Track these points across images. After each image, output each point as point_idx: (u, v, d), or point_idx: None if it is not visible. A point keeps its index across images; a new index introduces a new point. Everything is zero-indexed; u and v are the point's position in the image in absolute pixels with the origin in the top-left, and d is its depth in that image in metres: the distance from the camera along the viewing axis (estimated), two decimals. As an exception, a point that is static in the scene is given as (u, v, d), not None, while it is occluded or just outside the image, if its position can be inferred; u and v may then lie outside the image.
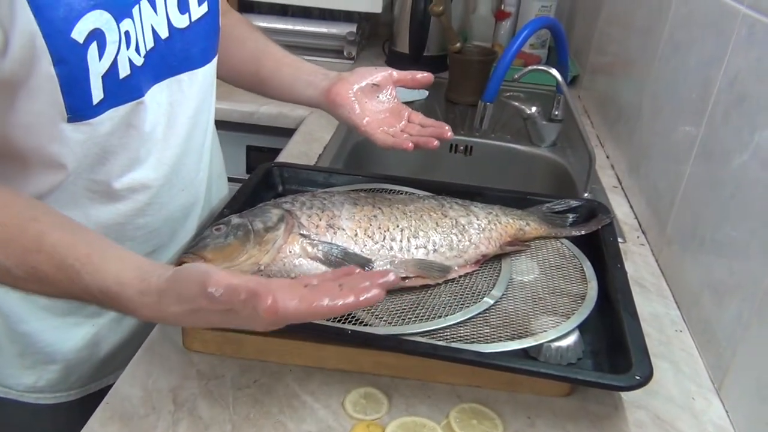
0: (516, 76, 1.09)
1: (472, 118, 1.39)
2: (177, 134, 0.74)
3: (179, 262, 0.66)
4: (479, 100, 1.07)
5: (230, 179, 1.01)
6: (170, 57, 0.70)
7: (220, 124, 1.40)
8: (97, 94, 0.62)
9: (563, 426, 0.63)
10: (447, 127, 0.80)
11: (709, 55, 0.84)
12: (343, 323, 0.65)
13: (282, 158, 1.15)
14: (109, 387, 0.65)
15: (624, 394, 0.67)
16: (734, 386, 0.67)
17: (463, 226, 0.77)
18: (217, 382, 0.65)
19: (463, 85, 1.46)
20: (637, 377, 0.60)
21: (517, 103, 1.26)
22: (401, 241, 0.74)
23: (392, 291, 0.71)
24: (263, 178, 0.91)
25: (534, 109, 1.25)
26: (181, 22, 0.71)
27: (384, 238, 0.74)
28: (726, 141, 0.77)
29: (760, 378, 0.62)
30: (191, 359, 0.68)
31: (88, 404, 0.77)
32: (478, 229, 0.77)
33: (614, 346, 0.67)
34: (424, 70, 1.67)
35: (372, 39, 1.85)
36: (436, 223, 0.77)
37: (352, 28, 1.64)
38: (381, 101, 0.83)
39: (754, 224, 0.67)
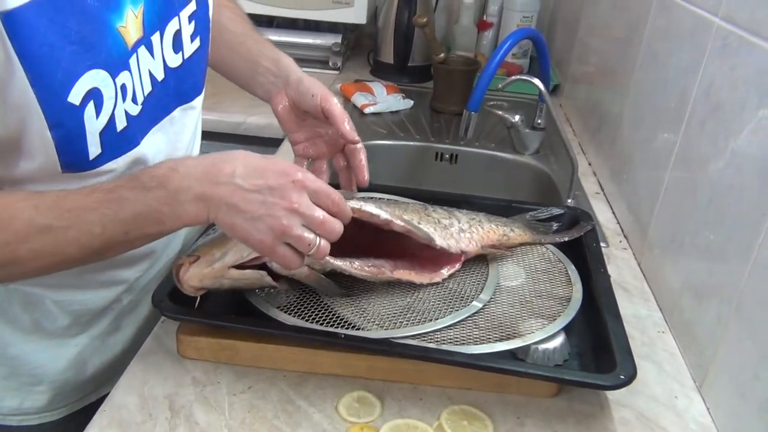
0: (500, 86, 1.11)
1: (456, 126, 1.41)
2: None
3: (176, 266, 0.67)
4: (464, 109, 1.10)
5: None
6: (165, 97, 0.71)
7: (208, 135, 1.41)
8: (94, 150, 0.62)
9: (551, 425, 0.65)
10: (365, 177, 0.77)
11: (686, 65, 0.87)
12: (336, 328, 0.67)
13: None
14: (93, 404, 0.65)
15: (609, 394, 0.69)
16: (715, 385, 0.69)
17: (445, 225, 0.78)
18: (212, 388, 0.66)
19: (448, 95, 1.48)
20: (622, 377, 0.62)
21: (500, 112, 1.29)
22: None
23: (383, 295, 0.73)
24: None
25: (517, 117, 1.28)
26: (175, 61, 0.71)
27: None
28: (702, 148, 0.80)
29: (739, 376, 0.64)
30: (186, 366, 0.69)
31: (71, 422, 0.78)
32: (459, 230, 0.79)
33: (599, 347, 0.69)
34: (408, 80, 1.70)
35: (357, 49, 1.88)
36: (419, 221, 0.77)
37: (338, 39, 1.66)
38: (318, 124, 0.80)
39: (731, 228, 0.70)
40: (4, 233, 0.56)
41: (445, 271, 0.76)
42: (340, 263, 0.69)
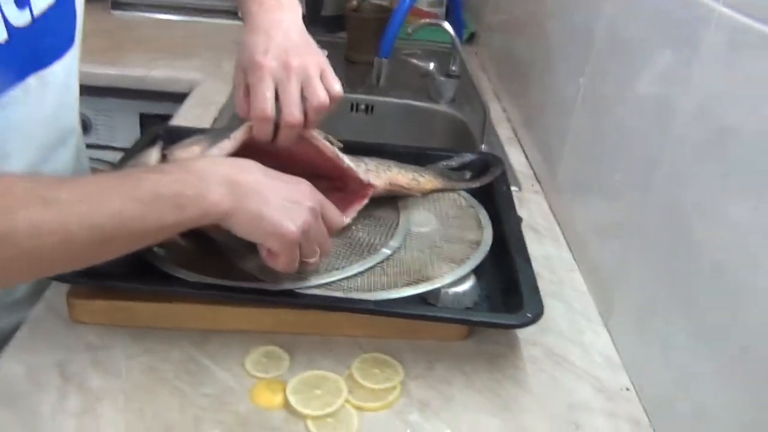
0: (409, 31, 1.09)
1: (371, 76, 1.38)
2: (29, 144, 0.67)
3: None
4: (375, 57, 1.07)
5: (124, 151, 0.96)
6: (12, 62, 0.62)
7: (110, 91, 1.34)
8: None
9: (461, 367, 0.65)
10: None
11: (590, 5, 0.87)
12: (239, 282, 0.64)
13: (175, 123, 1.10)
14: None
15: (519, 333, 0.70)
16: (619, 318, 0.71)
17: (352, 169, 0.76)
18: (107, 352, 0.62)
19: (361, 44, 1.44)
20: (529, 315, 0.62)
21: (415, 60, 1.26)
22: None
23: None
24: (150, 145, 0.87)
25: (432, 65, 1.26)
26: (20, 19, 0.62)
27: None
28: (606, 87, 0.80)
29: (641, 308, 0.66)
30: (79, 332, 0.64)
31: None
32: (366, 170, 0.76)
33: (508, 289, 0.69)
34: (321, 30, 1.65)
35: (268, -1, 1.80)
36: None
37: (246, -13, 1.58)
38: None
39: (632, 166, 0.71)
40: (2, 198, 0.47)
41: (353, 210, 0.74)
42: None
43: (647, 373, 0.63)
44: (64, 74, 0.71)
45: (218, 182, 0.55)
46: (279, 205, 0.57)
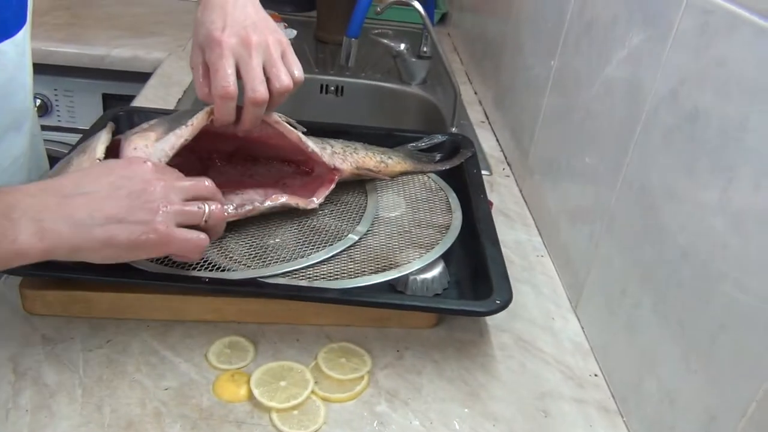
0: (378, 9, 1.06)
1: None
2: None
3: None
4: (344, 37, 1.04)
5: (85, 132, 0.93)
6: None
7: (70, 71, 1.29)
8: None
9: (430, 355, 0.64)
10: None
11: (562, -15, 0.85)
12: (199, 270, 0.62)
13: (138, 104, 1.07)
14: None
15: (489, 320, 0.69)
16: (588, 303, 0.70)
17: (317, 153, 0.73)
18: (64, 345, 0.60)
19: (332, 24, 1.41)
20: (498, 302, 0.61)
21: (386, 41, 1.24)
22: None
23: (252, 235, 0.68)
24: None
25: (403, 46, 1.23)
26: None
27: None
28: (577, 69, 0.79)
29: (610, 292, 0.65)
30: (33, 323, 0.62)
31: None
32: (332, 153, 0.74)
33: (477, 274, 0.68)
34: (291, 8, 1.61)
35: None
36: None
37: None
38: None
39: (602, 150, 0.70)
40: None
41: (320, 195, 0.72)
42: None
43: (615, 358, 0.63)
44: (15, 53, 0.68)
45: (34, 219, 0.48)
46: (123, 214, 0.51)
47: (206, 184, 0.59)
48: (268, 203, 0.67)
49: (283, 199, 0.68)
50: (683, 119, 0.55)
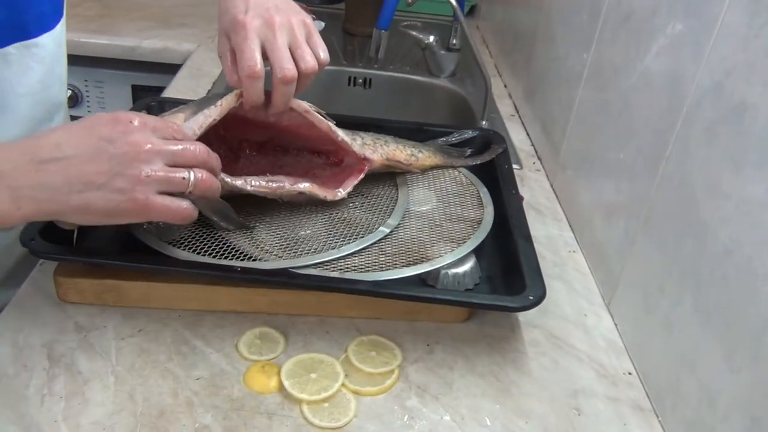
0: (409, 1, 1.05)
1: (370, 49, 1.34)
2: (11, 118, 0.65)
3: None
4: (374, 29, 1.03)
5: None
6: None
7: (100, 62, 1.30)
8: None
9: (461, 350, 0.63)
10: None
11: (598, -24, 0.84)
12: (231, 259, 0.62)
13: (168, 95, 1.07)
14: None
15: (520, 316, 0.68)
16: (622, 301, 0.69)
17: (347, 143, 0.73)
18: (96, 333, 0.60)
19: (360, 15, 1.40)
20: (531, 297, 0.60)
21: (414, 33, 1.23)
22: None
23: (284, 225, 0.68)
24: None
25: (432, 38, 1.22)
26: None
27: None
28: (614, 61, 0.77)
29: (646, 290, 0.64)
30: (67, 311, 0.62)
31: None
32: (363, 144, 0.74)
33: (509, 270, 0.67)
34: (319, 1, 1.60)
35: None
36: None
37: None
38: None
39: (640, 142, 0.69)
40: None
41: (347, 185, 0.71)
42: (237, 182, 0.63)
43: (651, 357, 0.62)
44: (54, 46, 0.69)
45: (10, 188, 0.48)
46: (102, 181, 0.50)
47: (197, 149, 0.55)
48: (296, 188, 0.66)
49: (306, 184, 0.67)
50: (729, 112, 0.53)
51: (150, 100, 0.87)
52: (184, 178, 0.53)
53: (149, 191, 0.52)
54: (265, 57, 0.62)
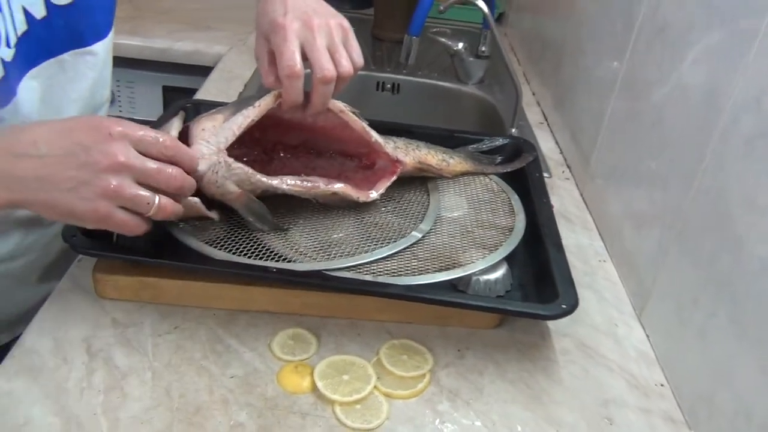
0: (441, 8, 1.06)
1: (399, 55, 1.34)
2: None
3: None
4: (405, 35, 1.04)
5: (145, 123, 0.95)
6: (48, 38, 0.62)
7: (132, 63, 1.32)
8: None
9: (492, 356, 0.63)
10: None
11: (634, -14, 0.84)
12: (265, 260, 0.62)
13: (200, 97, 1.09)
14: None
15: (550, 324, 0.68)
16: (654, 311, 0.69)
17: (380, 144, 0.74)
18: (134, 329, 0.62)
19: (389, 21, 1.42)
20: (564, 306, 0.60)
21: (443, 39, 1.23)
22: None
23: (317, 228, 0.69)
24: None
25: (461, 45, 1.23)
26: None
27: None
28: (648, 72, 0.77)
29: (679, 301, 0.64)
30: (105, 307, 0.64)
31: None
32: (395, 148, 0.75)
33: (541, 278, 0.67)
34: (347, 6, 1.62)
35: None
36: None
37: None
38: None
39: (673, 154, 0.69)
40: None
41: (380, 187, 0.72)
42: (273, 181, 0.64)
43: (684, 369, 0.61)
44: (104, 53, 0.71)
45: None
46: (70, 186, 0.51)
47: (173, 173, 0.54)
48: (330, 188, 0.67)
49: (340, 185, 0.68)
50: (769, 126, 0.53)
51: (185, 102, 0.89)
52: (148, 202, 0.53)
53: (111, 205, 0.52)
54: (305, 58, 0.63)
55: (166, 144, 0.55)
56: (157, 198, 0.54)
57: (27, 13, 0.59)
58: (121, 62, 1.33)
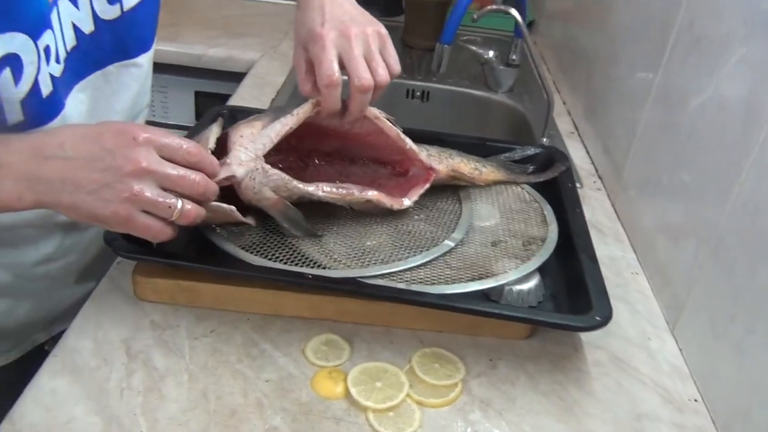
0: (474, 17, 1.06)
1: (428, 62, 1.36)
2: None
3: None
4: (436, 44, 1.05)
5: (178, 127, 0.97)
6: (95, 52, 0.64)
7: (166, 68, 1.35)
8: (13, 117, 0.55)
9: (524, 367, 0.63)
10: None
11: (670, -3, 0.83)
12: (300, 267, 0.63)
13: (233, 103, 1.10)
14: (30, 352, 0.61)
15: (582, 336, 0.68)
16: (688, 325, 0.68)
17: (415, 151, 0.74)
18: (171, 332, 0.63)
19: (420, 29, 1.42)
20: (598, 318, 0.60)
21: (474, 47, 1.24)
22: None
23: (352, 235, 0.69)
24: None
25: (491, 53, 1.23)
26: (110, 13, 0.64)
27: None
28: (684, 83, 0.77)
29: (714, 316, 0.63)
30: (144, 309, 0.65)
31: (18, 366, 0.74)
32: (428, 156, 0.75)
33: (574, 289, 0.67)
34: (377, 13, 1.63)
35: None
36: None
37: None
38: None
39: (709, 165, 0.68)
40: None
41: (413, 194, 0.73)
42: (309, 188, 0.65)
43: (719, 385, 0.61)
44: (147, 63, 0.73)
45: (14, 178, 0.51)
46: (93, 188, 0.52)
47: (197, 179, 0.55)
48: (364, 195, 0.68)
49: (374, 192, 0.69)
50: (812, 141, 0.52)
51: (221, 108, 0.90)
52: (170, 206, 0.54)
53: (133, 208, 0.53)
54: (342, 67, 0.64)
55: (190, 150, 0.55)
56: (179, 203, 0.54)
57: (76, 29, 0.61)
58: (156, 67, 1.34)
